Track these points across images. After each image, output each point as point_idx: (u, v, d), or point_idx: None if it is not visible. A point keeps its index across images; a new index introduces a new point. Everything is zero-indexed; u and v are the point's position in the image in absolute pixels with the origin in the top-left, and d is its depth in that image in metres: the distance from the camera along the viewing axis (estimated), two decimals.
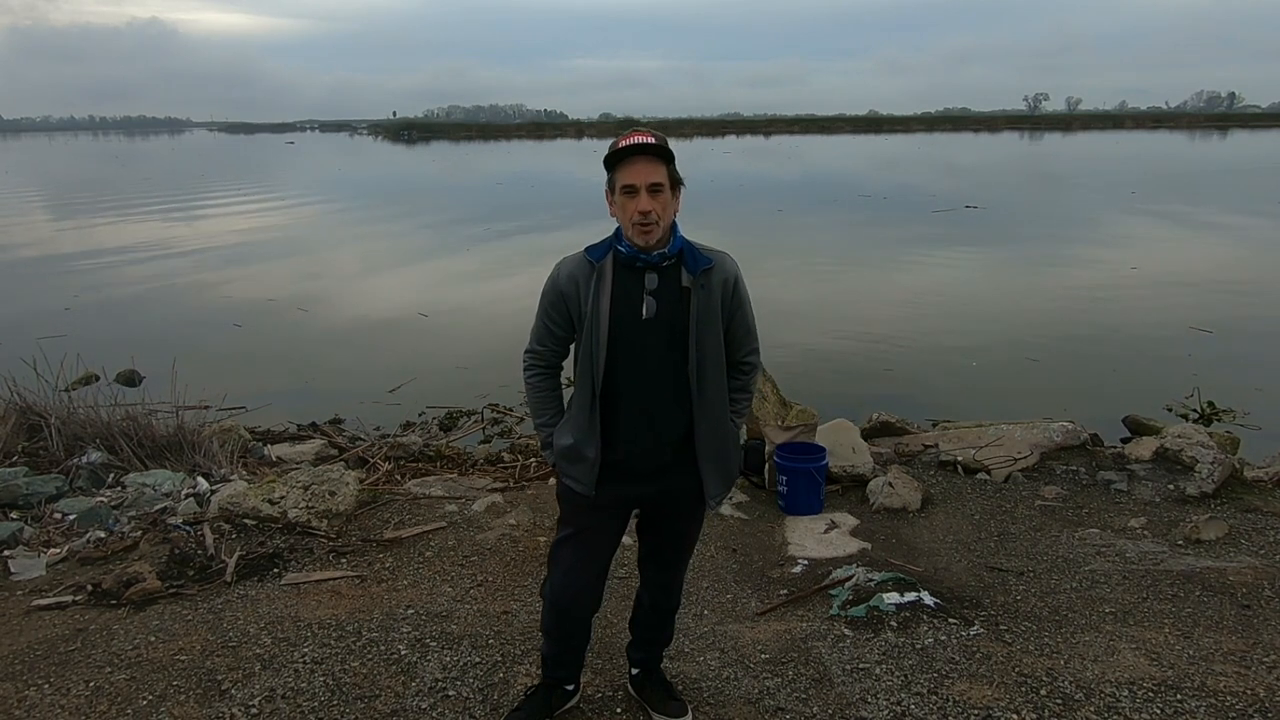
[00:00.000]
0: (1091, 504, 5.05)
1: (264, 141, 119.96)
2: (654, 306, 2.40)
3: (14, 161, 64.75)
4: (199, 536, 4.34)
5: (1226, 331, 10.28)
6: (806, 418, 5.55)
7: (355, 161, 60.37)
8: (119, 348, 8.98)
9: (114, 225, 21.96)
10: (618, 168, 2.35)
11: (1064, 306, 11.69)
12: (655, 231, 2.34)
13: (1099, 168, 40.25)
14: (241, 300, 12.69)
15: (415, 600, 3.76)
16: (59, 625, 3.54)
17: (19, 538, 4.39)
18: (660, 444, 2.48)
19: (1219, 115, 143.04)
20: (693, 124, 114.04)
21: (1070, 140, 77.03)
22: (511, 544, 4.43)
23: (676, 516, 2.65)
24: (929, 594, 3.72)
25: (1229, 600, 3.76)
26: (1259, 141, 67.14)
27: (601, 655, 3.25)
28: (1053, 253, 16.07)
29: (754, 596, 3.96)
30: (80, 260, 16.37)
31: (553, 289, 2.48)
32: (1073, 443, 5.74)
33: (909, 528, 4.77)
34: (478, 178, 39.79)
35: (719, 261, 2.46)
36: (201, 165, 55.41)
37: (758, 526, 4.86)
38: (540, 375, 2.60)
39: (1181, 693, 2.99)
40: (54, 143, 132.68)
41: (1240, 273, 13.81)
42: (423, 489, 5.34)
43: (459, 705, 2.96)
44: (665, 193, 2.34)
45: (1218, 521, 4.60)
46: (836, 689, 3.06)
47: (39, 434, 5.55)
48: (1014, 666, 3.18)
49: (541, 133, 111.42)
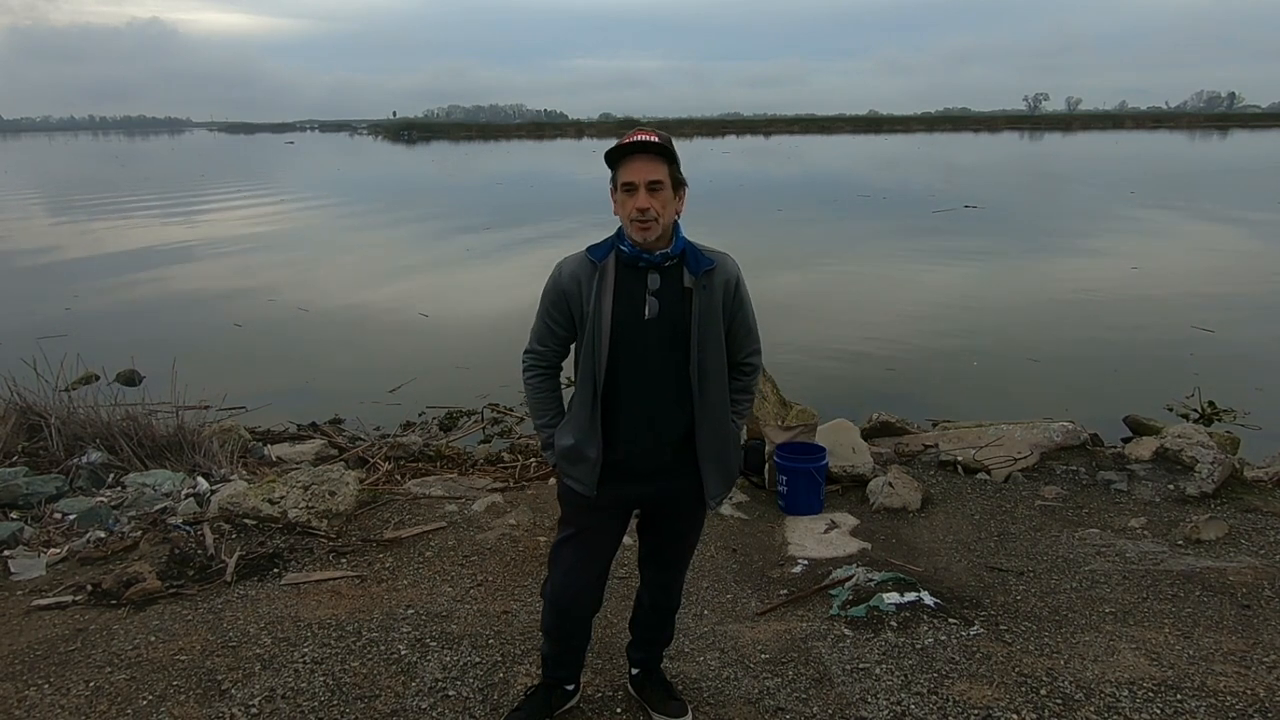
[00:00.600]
0: (1091, 504, 5.05)
1: (263, 142, 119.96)
2: (656, 307, 2.40)
3: (14, 162, 64.73)
4: (199, 536, 4.34)
5: (1228, 331, 10.27)
6: (806, 418, 5.55)
7: (353, 161, 60.38)
8: (119, 348, 8.98)
9: (114, 225, 21.94)
10: (620, 165, 2.36)
11: (1066, 306, 11.68)
12: (653, 229, 2.34)
13: (1099, 168, 40.26)
14: (241, 300, 12.69)
15: (415, 600, 3.76)
16: (59, 625, 3.54)
17: (19, 538, 4.38)
18: (661, 444, 2.48)
19: (1219, 115, 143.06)
20: (693, 124, 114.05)
21: (1070, 140, 77.04)
22: (511, 544, 4.43)
23: (677, 517, 2.65)
24: (929, 594, 3.72)
25: (1229, 600, 3.76)
26: (1259, 141, 67.13)
27: (601, 655, 3.25)
28: (1053, 252, 16.07)
29: (754, 596, 3.96)
30: (80, 260, 16.36)
31: (554, 288, 2.48)
32: (1073, 443, 5.75)
33: (909, 528, 4.77)
34: (477, 178, 39.79)
35: (720, 262, 2.46)
36: (201, 165, 55.39)
37: (758, 526, 4.86)
38: (541, 376, 2.59)
39: (1181, 693, 2.99)
40: (54, 143, 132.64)
41: (1242, 272, 13.82)
42: (423, 489, 5.34)
43: (459, 705, 2.96)
44: (665, 191, 2.34)
45: (1218, 521, 4.60)
46: (836, 689, 3.06)
47: (39, 434, 5.55)
48: (1014, 666, 3.18)
49: (541, 133, 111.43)
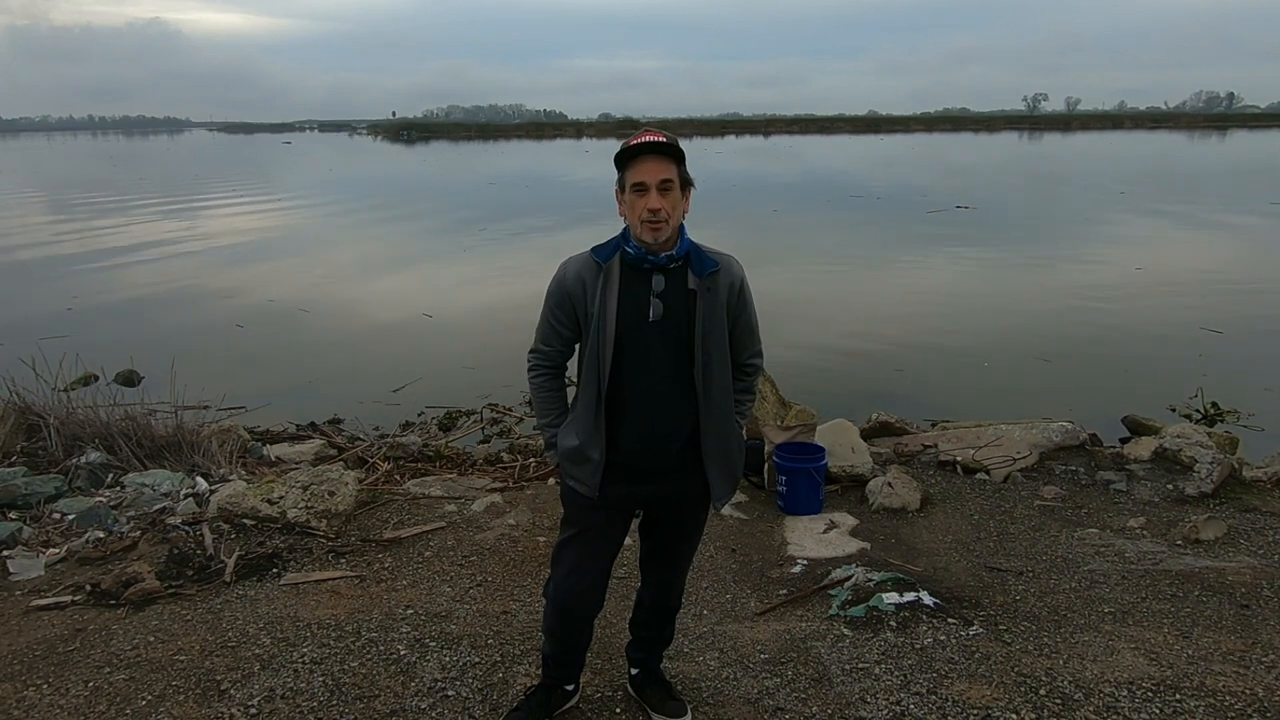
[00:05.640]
0: (1090, 504, 5.05)
1: (262, 142, 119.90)
2: (660, 308, 2.40)
3: (14, 162, 64.67)
4: (198, 536, 4.34)
5: (1237, 331, 10.23)
6: (806, 418, 5.56)
7: (350, 161, 60.31)
8: (118, 348, 8.98)
9: (114, 226, 21.90)
10: (628, 166, 2.35)
11: (1068, 307, 11.65)
12: (664, 229, 2.34)
13: (1099, 167, 40.25)
14: (241, 300, 12.68)
15: (414, 600, 3.76)
16: (58, 625, 3.53)
17: (18, 538, 4.38)
18: (665, 446, 2.48)
19: (1218, 115, 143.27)
20: (692, 124, 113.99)
21: (1069, 140, 77.04)
22: (511, 544, 4.43)
23: (679, 518, 2.65)
24: (928, 594, 3.72)
25: (1228, 600, 3.76)
26: (1259, 141, 67.14)
27: (601, 655, 3.25)
28: (1052, 253, 16.05)
29: (753, 596, 3.96)
30: (80, 260, 16.34)
31: (558, 289, 2.47)
32: (1072, 443, 5.75)
33: (908, 528, 4.77)
34: (476, 178, 39.76)
35: (725, 264, 2.46)
36: (198, 166, 55.35)
37: (757, 526, 4.86)
38: (545, 375, 2.59)
39: (1180, 692, 2.99)
40: (52, 142, 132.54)
41: (1247, 272, 13.78)
42: (422, 489, 5.34)
43: (458, 705, 2.96)
44: (675, 191, 2.34)
45: (1216, 521, 4.60)
46: (836, 689, 3.06)
47: (38, 434, 5.55)
48: (1013, 666, 3.18)
49: (541, 133, 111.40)
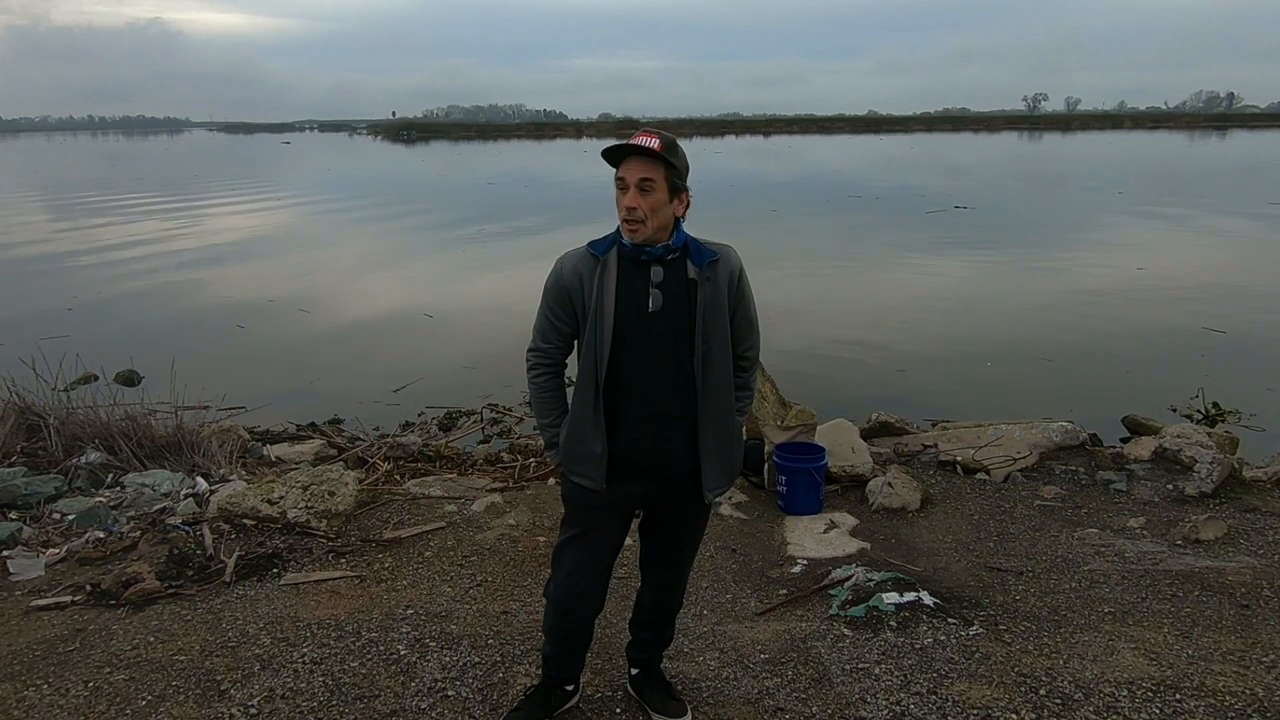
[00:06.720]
0: (1090, 504, 5.05)
1: (261, 142, 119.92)
2: (660, 299, 2.40)
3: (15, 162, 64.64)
4: (198, 536, 4.34)
5: (1239, 331, 10.22)
6: (806, 418, 5.55)
7: (349, 161, 60.32)
8: (118, 348, 8.98)
9: (114, 226, 21.92)
10: (619, 164, 2.37)
11: (1069, 307, 11.63)
12: (641, 230, 2.34)
13: (1099, 168, 40.25)
14: (241, 300, 12.66)
15: (415, 600, 3.76)
16: (58, 625, 3.53)
17: (18, 538, 4.38)
18: (665, 438, 2.47)
19: (1218, 115, 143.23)
20: (692, 124, 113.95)
21: (1069, 140, 77.02)
22: (511, 544, 4.43)
23: (681, 516, 2.65)
24: (928, 594, 3.72)
25: (1228, 600, 3.76)
26: (1259, 141, 67.13)
27: (601, 655, 3.25)
28: (1052, 252, 16.03)
29: (753, 596, 3.96)
30: (80, 260, 16.34)
31: (556, 283, 2.46)
32: (1072, 443, 5.75)
33: (908, 528, 4.77)
34: (476, 178, 39.77)
35: (724, 254, 2.46)
36: (197, 165, 55.35)
37: (757, 526, 4.86)
38: (545, 374, 2.58)
39: (1180, 692, 2.99)
40: (52, 142, 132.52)
41: (1249, 273, 13.75)
42: (422, 489, 5.33)
43: (458, 705, 2.96)
44: (658, 193, 2.33)
45: (1216, 521, 4.60)
46: (836, 689, 3.06)
47: (38, 434, 5.55)
48: (1013, 666, 3.18)
49: (541, 133, 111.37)
